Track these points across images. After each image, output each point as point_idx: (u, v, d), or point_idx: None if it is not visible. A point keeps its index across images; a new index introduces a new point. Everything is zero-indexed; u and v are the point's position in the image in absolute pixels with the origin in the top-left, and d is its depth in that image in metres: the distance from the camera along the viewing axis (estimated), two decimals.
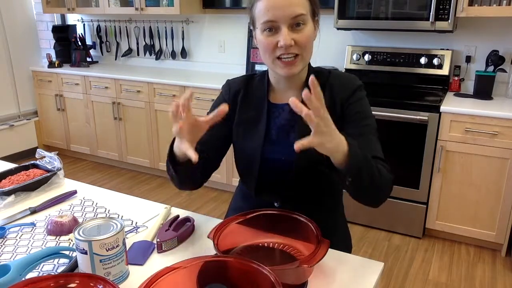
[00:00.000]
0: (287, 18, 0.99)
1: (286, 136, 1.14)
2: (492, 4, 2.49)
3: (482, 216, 2.48)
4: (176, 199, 3.25)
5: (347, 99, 1.10)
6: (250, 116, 1.17)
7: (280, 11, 0.98)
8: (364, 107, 1.11)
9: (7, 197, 1.25)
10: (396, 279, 2.29)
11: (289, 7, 0.98)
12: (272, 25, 1.00)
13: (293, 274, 0.83)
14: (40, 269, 0.94)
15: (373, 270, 0.94)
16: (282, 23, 0.99)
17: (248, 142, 1.17)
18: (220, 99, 1.21)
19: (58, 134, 4.12)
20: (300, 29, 1.01)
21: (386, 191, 1.01)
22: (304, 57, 1.04)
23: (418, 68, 2.88)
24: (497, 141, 2.33)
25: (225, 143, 1.20)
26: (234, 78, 1.23)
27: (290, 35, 1.00)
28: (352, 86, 1.11)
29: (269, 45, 1.02)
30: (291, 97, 0.79)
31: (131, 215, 1.20)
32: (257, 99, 1.17)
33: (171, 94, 3.30)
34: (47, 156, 1.46)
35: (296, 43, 1.01)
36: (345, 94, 1.10)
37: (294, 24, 1.00)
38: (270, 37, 1.02)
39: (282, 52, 1.01)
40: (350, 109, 1.09)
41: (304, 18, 1.00)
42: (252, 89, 1.19)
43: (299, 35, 1.00)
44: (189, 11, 3.41)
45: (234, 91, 1.20)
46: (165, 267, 0.77)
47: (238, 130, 1.19)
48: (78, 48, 4.05)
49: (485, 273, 2.34)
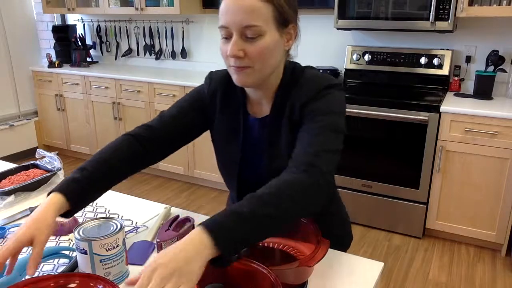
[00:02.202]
0: (238, 25, 0.88)
1: (262, 151, 1.06)
2: (492, 4, 2.49)
3: (482, 216, 2.48)
4: (176, 199, 3.25)
5: (306, 102, 0.97)
6: (228, 124, 1.09)
7: (232, 17, 0.89)
8: (326, 104, 0.96)
9: (7, 197, 1.25)
10: (396, 279, 2.29)
11: (240, 14, 0.88)
12: (226, 31, 0.91)
13: (293, 274, 0.83)
14: (40, 269, 0.94)
15: (373, 270, 0.94)
16: (234, 30, 0.89)
17: (226, 154, 1.12)
18: (201, 89, 1.13)
19: (58, 134, 4.12)
20: (254, 40, 0.89)
21: (313, 198, 0.83)
22: (258, 70, 0.93)
23: (418, 68, 2.88)
24: (497, 141, 2.33)
25: (191, 133, 1.12)
26: (217, 71, 1.13)
27: (240, 44, 0.90)
28: (317, 88, 0.97)
29: (223, 53, 0.94)
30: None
31: (131, 215, 1.20)
32: (235, 107, 1.08)
33: (171, 94, 3.30)
34: (47, 156, 1.46)
35: (247, 55, 0.90)
36: (305, 97, 0.98)
37: (247, 34, 0.89)
38: (224, 44, 0.93)
39: (232, 64, 0.93)
40: (309, 109, 0.96)
41: (259, 29, 0.89)
42: (232, 91, 1.08)
43: (251, 46, 0.90)
44: (189, 11, 3.41)
45: (213, 88, 1.11)
46: None
47: (217, 136, 1.13)
48: (78, 48, 4.05)
49: (485, 273, 2.34)
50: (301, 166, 0.85)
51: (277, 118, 1.03)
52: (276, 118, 1.03)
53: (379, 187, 2.68)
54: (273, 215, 0.77)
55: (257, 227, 0.76)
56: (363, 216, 2.79)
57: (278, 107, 1.03)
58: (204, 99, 1.11)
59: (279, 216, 0.78)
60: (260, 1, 0.88)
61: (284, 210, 0.78)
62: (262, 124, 1.06)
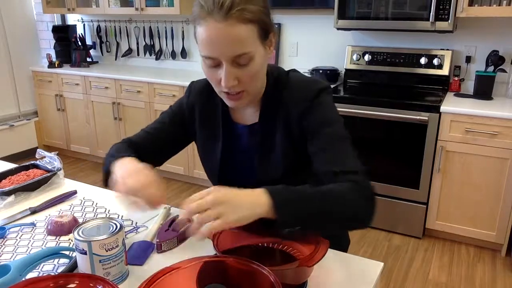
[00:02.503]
0: (228, 56, 0.86)
1: (248, 160, 1.08)
2: (492, 4, 2.49)
3: (482, 216, 2.48)
4: (176, 199, 3.25)
5: (302, 113, 0.98)
6: (209, 133, 1.10)
7: (220, 49, 0.85)
8: (323, 114, 0.98)
9: (7, 197, 1.25)
10: (396, 279, 2.29)
11: (230, 46, 0.85)
12: (213, 61, 0.88)
13: (293, 274, 0.83)
14: (40, 269, 0.94)
15: (373, 270, 0.94)
16: (223, 60, 0.87)
17: (207, 162, 1.14)
18: (181, 103, 1.14)
19: (58, 134, 4.12)
20: (245, 65, 0.88)
21: (362, 212, 0.88)
22: (251, 92, 0.95)
23: (418, 68, 2.88)
24: (497, 141, 2.33)
25: (175, 146, 1.16)
26: (198, 82, 1.14)
27: (233, 73, 0.88)
28: (309, 95, 0.98)
29: (212, 80, 0.93)
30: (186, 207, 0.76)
31: (131, 215, 1.20)
32: (216, 116, 1.08)
33: (171, 94, 3.30)
34: (47, 156, 1.46)
35: (240, 81, 0.90)
36: (301, 107, 0.98)
37: (239, 61, 0.88)
38: (211, 71, 0.91)
39: (226, 90, 0.92)
40: (309, 122, 0.98)
41: (250, 55, 0.88)
42: (213, 100, 1.08)
43: (243, 72, 0.89)
44: (189, 11, 3.41)
45: (192, 102, 1.12)
46: (165, 267, 0.77)
47: (199, 145, 1.15)
48: (78, 48, 4.05)
49: (485, 273, 2.34)
50: (343, 183, 0.88)
51: (269, 123, 1.03)
52: (267, 123, 1.03)
53: (379, 187, 2.68)
54: (332, 209, 0.83)
55: (314, 210, 0.81)
56: None
57: (267, 113, 1.03)
58: (184, 112, 1.13)
59: (335, 212, 0.84)
60: (246, 25, 0.85)
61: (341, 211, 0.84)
62: (251, 131, 1.07)
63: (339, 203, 0.85)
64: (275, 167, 1.03)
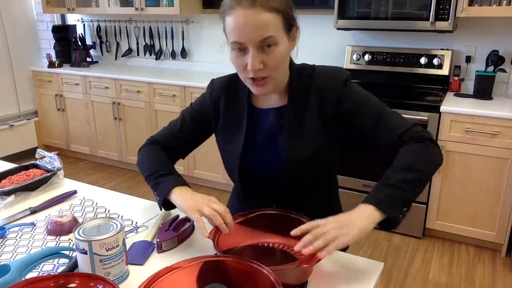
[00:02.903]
0: (255, 41, 0.93)
1: (273, 141, 1.12)
2: (492, 4, 2.49)
3: (482, 216, 2.48)
4: None
5: (337, 99, 1.06)
6: (232, 122, 1.15)
7: (247, 33, 0.93)
8: (358, 94, 1.08)
9: (7, 197, 1.25)
10: (396, 279, 2.29)
11: (257, 30, 0.92)
12: (240, 46, 0.95)
13: (293, 274, 0.83)
14: (40, 269, 0.94)
15: (373, 270, 0.94)
16: (249, 45, 0.94)
17: (229, 148, 1.16)
18: (204, 99, 1.21)
19: (58, 134, 4.12)
20: (271, 50, 0.95)
21: (439, 157, 1.02)
22: (275, 77, 1.01)
23: (418, 68, 2.88)
24: (497, 141, 2.33)
25: (195, 143, 1.25)
26: (218, 78, 1.21)
27: (259, 57, 0.95)
28: (340, 81, 1.08)
29: (239, 66, 1.00)
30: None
31: (131, 215, 1.20)
32: (240, 104, 1.15)
33: (171, 94, 3.30)
34: (47, 156, 1.46)
35: (266, 66, 0.96)
36: (334, 93, 1.06)
37: (264, 46, 0.94)
38: (239, 58, 0.98)
39: (252, 75, 0.98)
40: (347, 107, 1.06)
41: (275, 39, 0.94)
42: (235, 92, 1.16)
43: (269, 57, 0.96)
44: (189, 11, 3.41)
45: (216, 96, 1.18)
46: (165, 267, 0.77)
47: (221, 136, 1.19)
48: (78, 48, 4.05)
49: (485, 273, 2.34)
50: (410, 140, 1.00)
51: (299, 106, 1.08)
52: (298, 106, 1.09)
53: None
54: (418, 177, 0.95)
55: (409, 188, 0.93)
56: None
57: (297, 97, 1.09)
58: (205, 109, 1.19)
59: (423, 176, 0.95)
60: (271, 13, 0.93)
61: (425, 171, 0.96)
62: (278, 113, 1.11)
63: (426, 163, 0.97)
64: (305, 146, 1.08)
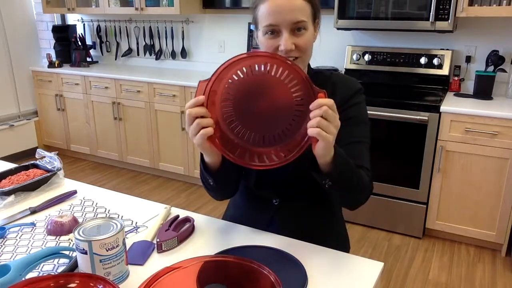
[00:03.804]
0: (289, 23, 1.01)
1: None
2: (492, 4, 2.49)
3: (482, 216, 2.48)
4: (176, 199, 3.25)
5: (346, 101, 1.12)
6: None
7: (282, 16, 1.01)
8: (361, 111, 1.14)
9: (7, 197, 1.25)
10: (396, 279, 2.29)
11: (291, 13, 1.01)
12: (274, 28, 1.02)
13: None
14: (40, 269, 0.94)
15: (373, 270, 0.94)
16: (283, 27, 1.02)
17: None
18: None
19: (58, 134, 4.12)
20: (301, 33, 1.03)
21: (363, 198, 1.08)
22: (304, 60, 1.07)
23: (418, 68, 2.88)
24: (497, 141, 2.33)
25: None
26: None
27: (291, 39, 1.02)
28: (354, 87, 1.15)
29: (270, 48, 1.05)
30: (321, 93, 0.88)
31: (131, 215, 1.20)
32: None
33: (171, 94, 3.30)
34: (47, 156, 1.46)
35: (297, 47, 1.03)
36: (345, 94, 1.13)
37: (295, 29, 1.02)
38: (271, 40, 1.04)
39: (284, 55, 1.03)
40: (348, 112, 1.11)
41: (305, 24, 1.03)
42: None
43: (299, 39, 1.03)
44: (189, 11, 3.41)
45: None
46: (165, 267, 0.77)
47: None
48: (78, 48, 4.05)
49: (485, 273, 2.34)
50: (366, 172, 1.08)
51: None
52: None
53: (379, 187, 2.68)
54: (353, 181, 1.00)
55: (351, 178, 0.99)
56: (363, 216, 2.79)
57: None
58: None
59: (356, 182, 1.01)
60: (303, 0, 1.03)
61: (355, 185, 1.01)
62: None
63: (359, 182, 1.02)
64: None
